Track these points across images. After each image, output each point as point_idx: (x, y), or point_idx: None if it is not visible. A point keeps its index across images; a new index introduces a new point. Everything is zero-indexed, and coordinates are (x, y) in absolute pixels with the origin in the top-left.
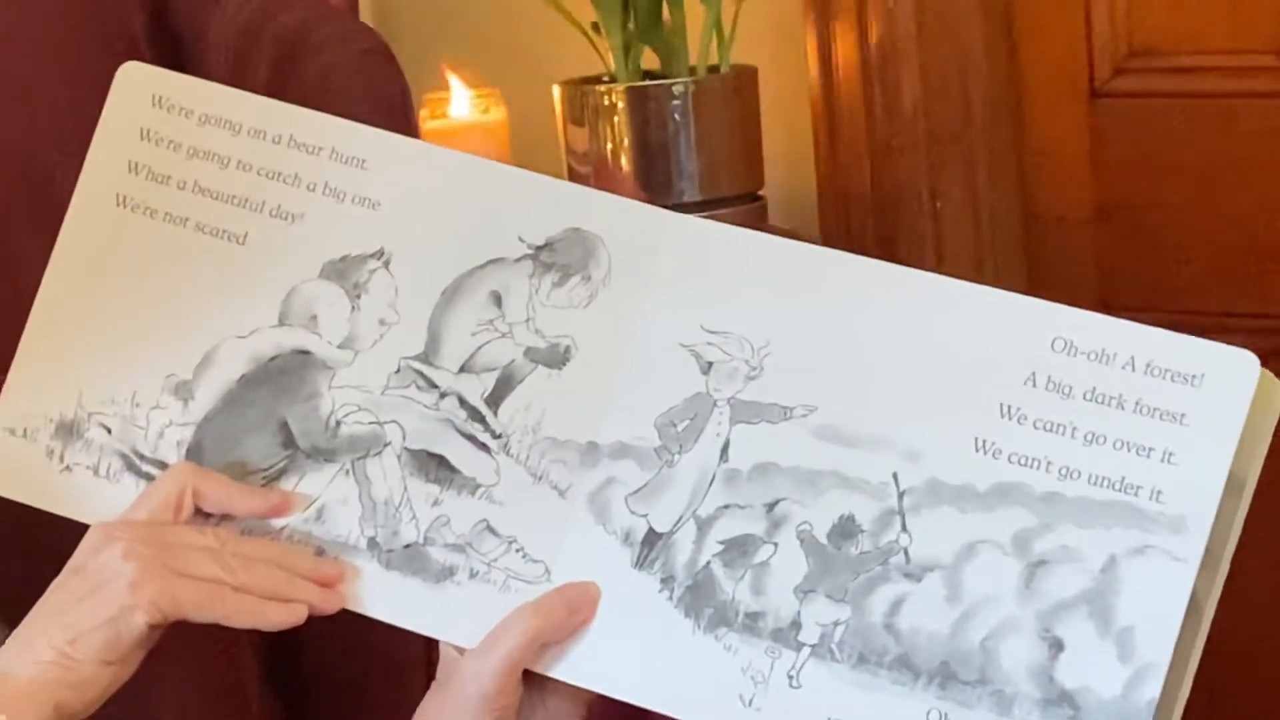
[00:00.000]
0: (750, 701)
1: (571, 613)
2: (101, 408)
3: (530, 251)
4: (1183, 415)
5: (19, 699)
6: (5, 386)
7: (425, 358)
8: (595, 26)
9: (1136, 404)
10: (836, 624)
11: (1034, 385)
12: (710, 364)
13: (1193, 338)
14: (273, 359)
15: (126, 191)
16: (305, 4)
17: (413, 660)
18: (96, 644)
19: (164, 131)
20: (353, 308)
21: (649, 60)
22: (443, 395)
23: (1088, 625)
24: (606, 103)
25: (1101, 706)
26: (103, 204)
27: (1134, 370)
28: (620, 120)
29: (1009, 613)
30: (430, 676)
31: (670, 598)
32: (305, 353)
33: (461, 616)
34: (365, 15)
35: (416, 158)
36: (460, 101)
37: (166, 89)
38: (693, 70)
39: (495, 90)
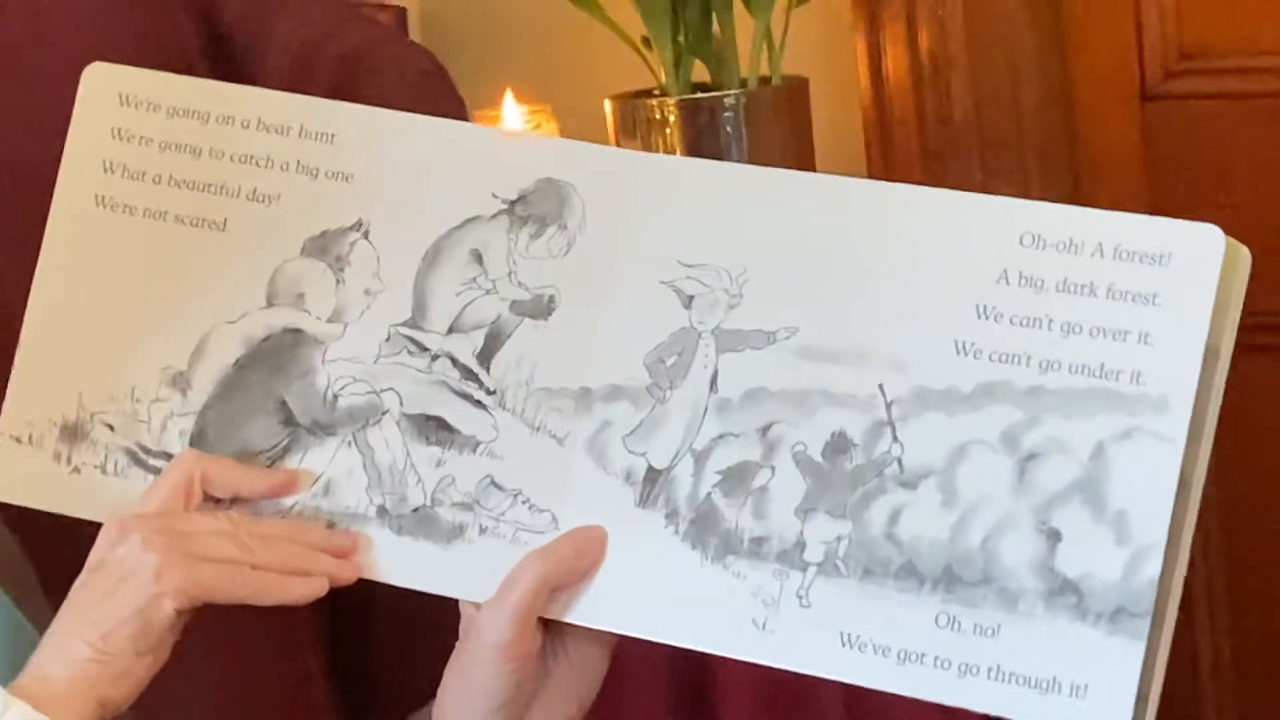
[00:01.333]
0: (763, 625)
1: (579, 555)
2: (103, 406)
3: (505, 206)
4: (1154, 295)
5: (62, 700)
6: (7, 395)
7: (413, 322)
8: (645, 40)
9: (1108, 289)
10: (839, 540)
11: (1007, 282)
12: (691, 297)
13: (1156, 217)
14: (265, 340)
15: (104, 191)
16: (360, 27)
17: None
18: (128, 635)
19: (135, 128)
20: (337, 281)
21: (699, 73)
22: (434, 358)
23: (1082, 513)
24: (658, 116)
25: (1104, 590)
26: (82, 206)
27: (1103, 256)
28: (672, 133)
29: (1005, 510)
30: None
31: (676, 532)
32: (296, 330)
33: (475, 573)
34: (414, 33)
35: (383, 126)
36: (512, 118)
37: (133, 87)
38: (744, 82)
39: (547, 106)
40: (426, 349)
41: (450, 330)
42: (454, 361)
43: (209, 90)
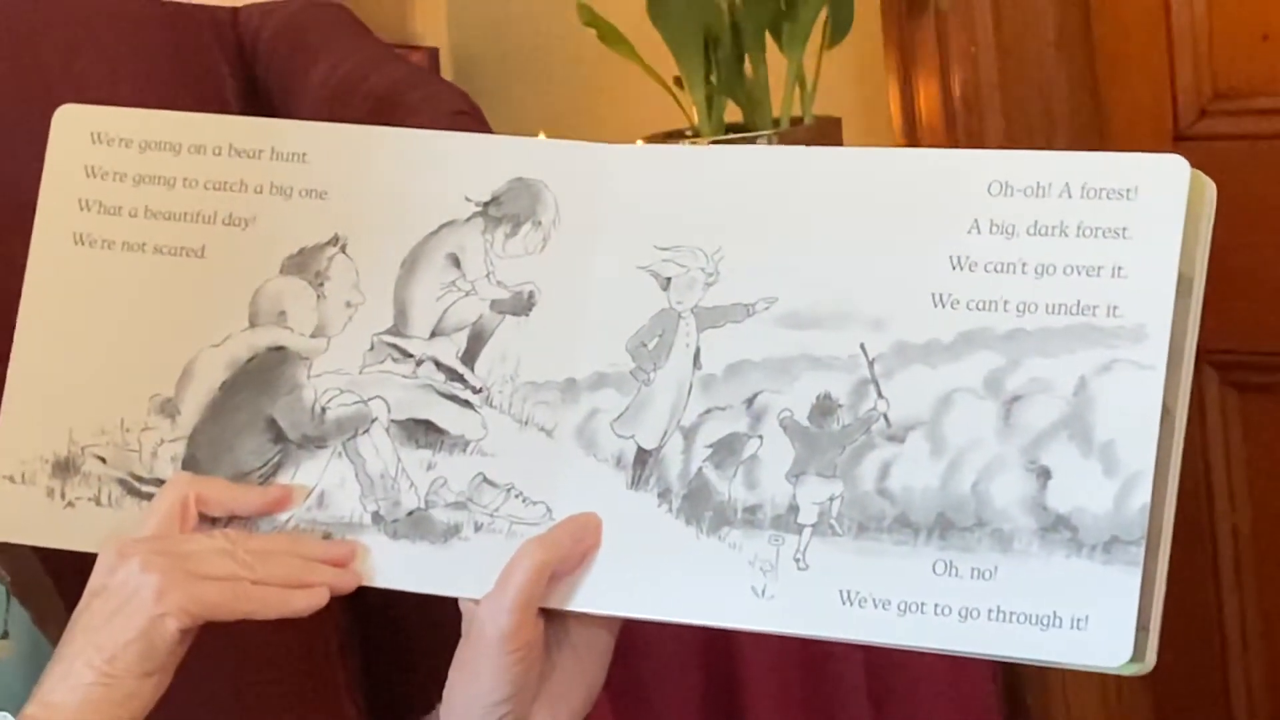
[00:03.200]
0: (763, 591)
1: (576, 541)
2: (93, 439)
3: (479, 209)
4: (1124, 229)
5: None
6: None
7: (396, 330)
8: (678, 80)
9: (1078, 228)
10: (831, 499)
11: (978, 231)
12: (669, 279)
13: (1120, 153)
14: (250, 360)
15: (81, 229)
16: (394, 67)
17: None
18: (133, 657)
19: (108, 165)
20: (318, 296)
21: (732, 113)
22: (419, 362)
23: (1070, 448)
24: None
25: (1096, 522)
26: (61, 245)
27: (1070, 196)
28: None
29: (993, 453)
30: None
31: (670, 509)
32: (280, 349)
33: (474, 570)
34: (446, 73)
35: (353, 141)
36: None
37: (103, 124)
38: (776, 122)
39: None
40: (410, 354)
41: (433, 334)
42: (438, 364)
43: (178, 122)
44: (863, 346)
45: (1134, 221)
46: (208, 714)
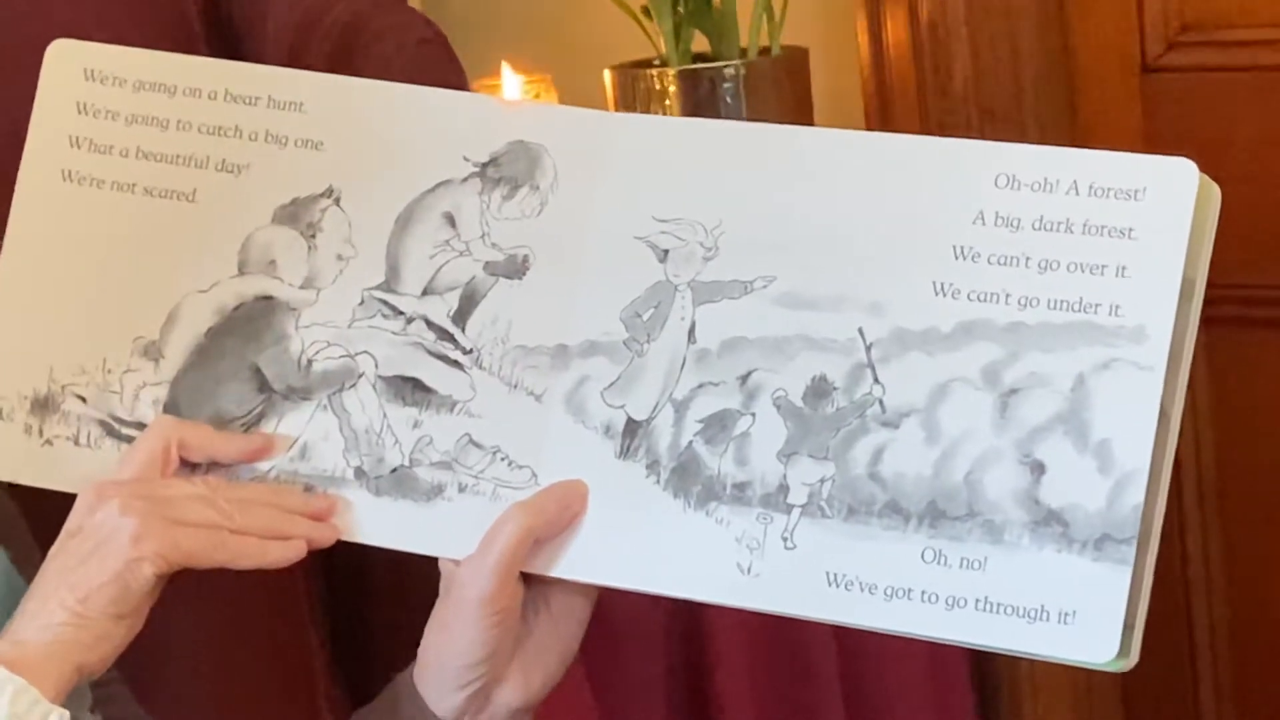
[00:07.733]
0: (749, 569)
1: (561, 508)
2: (74, 378)
3: (476, 169)
4: (1130, 229)
5: (40, 664)
6: None
7: (387, 286)
8: (645, 10)
9: (1084, 225)
10: (822, 481)
11: (983, 223)
12: (666, 251)
13: (1129, 154)
14: (237, 308)
15: (71, 166)
16: None
17: None
18: (107, 599)
19: (100, 103)
20: (309, 248)
21: (699, 43)
22: (409, 320)
23: (1065, 444)
24: (658, 87)
25: (1088, 519)
26: (49, 181)
27: (1077, 194)
28: (672, 104)
29: (988, 444)
30: None
31: (658, 481)
32: (268, 298)
33: (456, 531)
34: (414, 1)
35: (351, 94)
36: (511, 88)
37: (97, 61)
38: (744, 52)
39: (546, 76)
40: (401, 312)
41: (425, 292)
42: (429, 323)
43: (175, 63)
44: (861, 330)
45: (1140, 222)
46: (175, 663)
